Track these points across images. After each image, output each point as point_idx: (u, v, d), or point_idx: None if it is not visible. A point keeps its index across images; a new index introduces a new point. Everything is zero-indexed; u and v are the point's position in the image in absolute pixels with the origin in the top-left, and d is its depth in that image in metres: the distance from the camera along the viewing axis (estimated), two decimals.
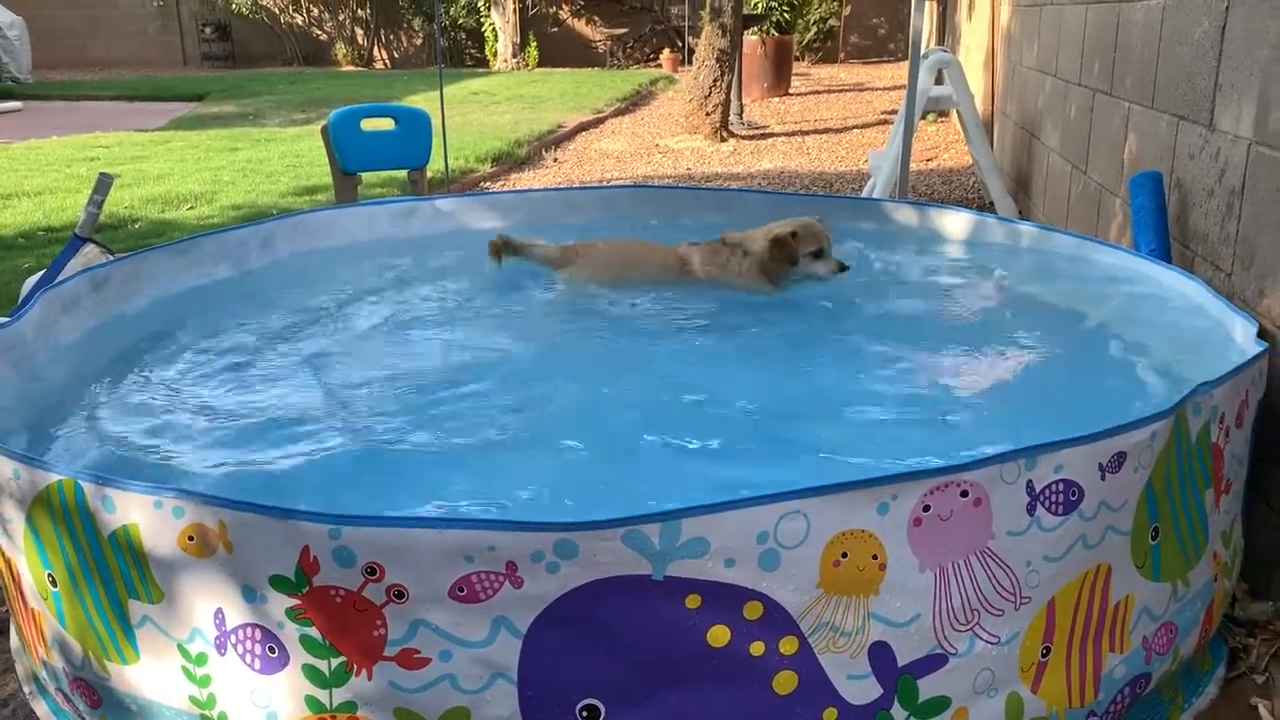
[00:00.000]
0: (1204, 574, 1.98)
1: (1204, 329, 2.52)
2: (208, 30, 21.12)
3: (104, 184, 3.41)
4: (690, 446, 2.27)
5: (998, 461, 1.63)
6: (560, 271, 3.46)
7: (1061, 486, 1.68)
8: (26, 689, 2.14)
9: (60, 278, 3.00)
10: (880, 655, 1.62)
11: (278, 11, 20.86)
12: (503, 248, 3.57)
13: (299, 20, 21.00)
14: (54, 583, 1.81)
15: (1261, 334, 2.24)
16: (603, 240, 3.57)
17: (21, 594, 1.93)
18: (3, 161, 9.21)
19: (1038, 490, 1.66)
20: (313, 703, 1.64)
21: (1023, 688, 1.74)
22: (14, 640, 2.23)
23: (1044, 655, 1.75)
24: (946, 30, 11.91)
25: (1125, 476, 1.74)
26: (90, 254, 3.40)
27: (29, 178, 8.34)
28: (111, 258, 3.28)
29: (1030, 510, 1.66)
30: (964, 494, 1.61)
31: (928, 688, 1.66)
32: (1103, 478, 1.71)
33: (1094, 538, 1.73)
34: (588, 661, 1.58)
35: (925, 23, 8.71)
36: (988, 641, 1.68)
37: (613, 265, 3.45)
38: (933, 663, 1.65)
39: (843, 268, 3.30)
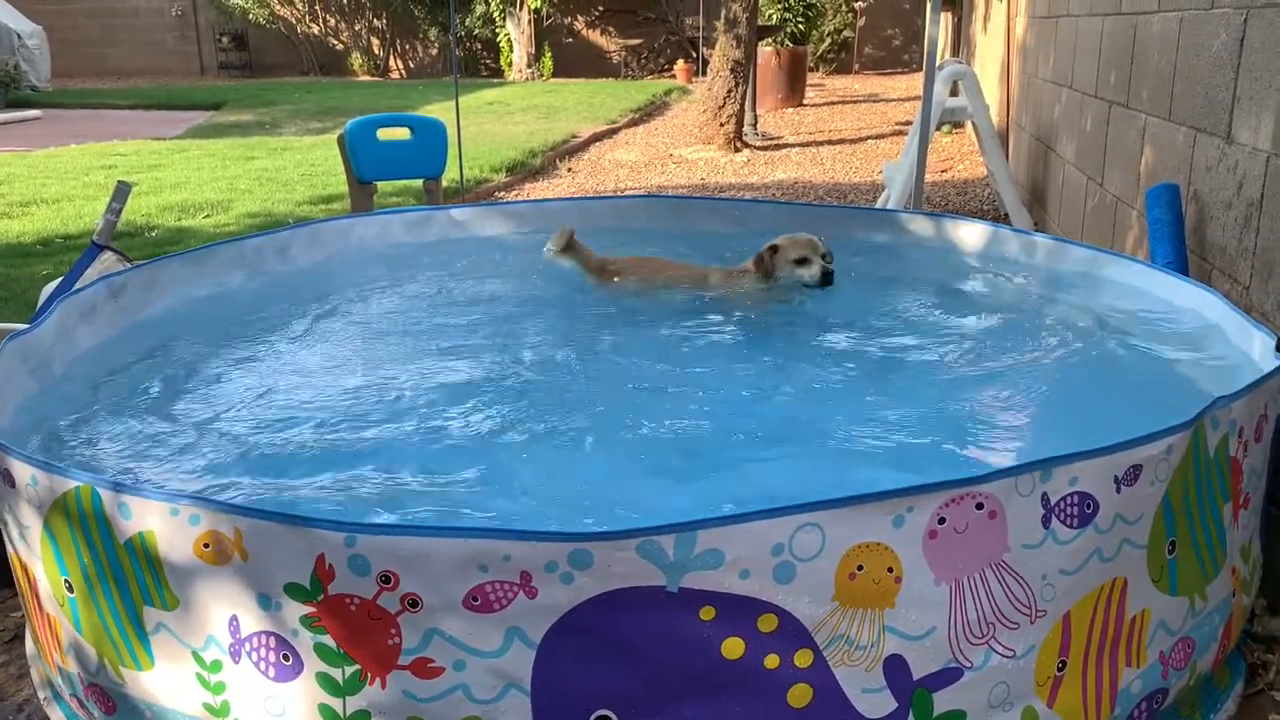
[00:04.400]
0: (1222, 589, 1.96)
1: (1222, 342, 2.51)
2: (225, 40, 21.28)
3: (122, 192, 3.43)
4: (703, 459, 2.26)
5: (1013, 474, 1.62)
6: (602, 278, 3.54)
7: (1077, 499, 1.67)
8: (42, 694, 2.15)
9: (78, 285, 3.02)
10: (895, 668, 1.62)
11: (294, 21, 21.01)
12: (569, 242, 3.60)
13: (315, 30, 21.14)
14: (70, 588, 1.82)
15: None
16: (635, 256, 3.67)
17: (38, 599, 1.94)
18: (22, 169, 9.28)
19: (1053, 503, 1.65)
20: (327, 711, 1.64)
21: (1038, 702, 1.72)
22: (29, 645, 2.24)
23: (1060, 669, 1.73)
24: (961, 42, 11.90)
25: (1142, 489, 1.73)
26: (108, 261, 3.41)
27: (47, 185, 8.41)
28: (129, 265, 3.29)
29: (1045, 523, 1.66)
30: (979, 506, 1.60)
31: (943, 701, 1.65)
32: (1118, 490, 1.70)
33: (1110, 551, 1.72)
34: (601, 673, 1.58)
35: (940, 34, 8.70)
36: (1003, 655, 1.67)
37: (652, 279, 3.53)
38: (948, 676, 1.64)
39: (826, 277, 3.31)
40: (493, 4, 19.43)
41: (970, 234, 3.73)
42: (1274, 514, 2.27)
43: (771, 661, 1.58)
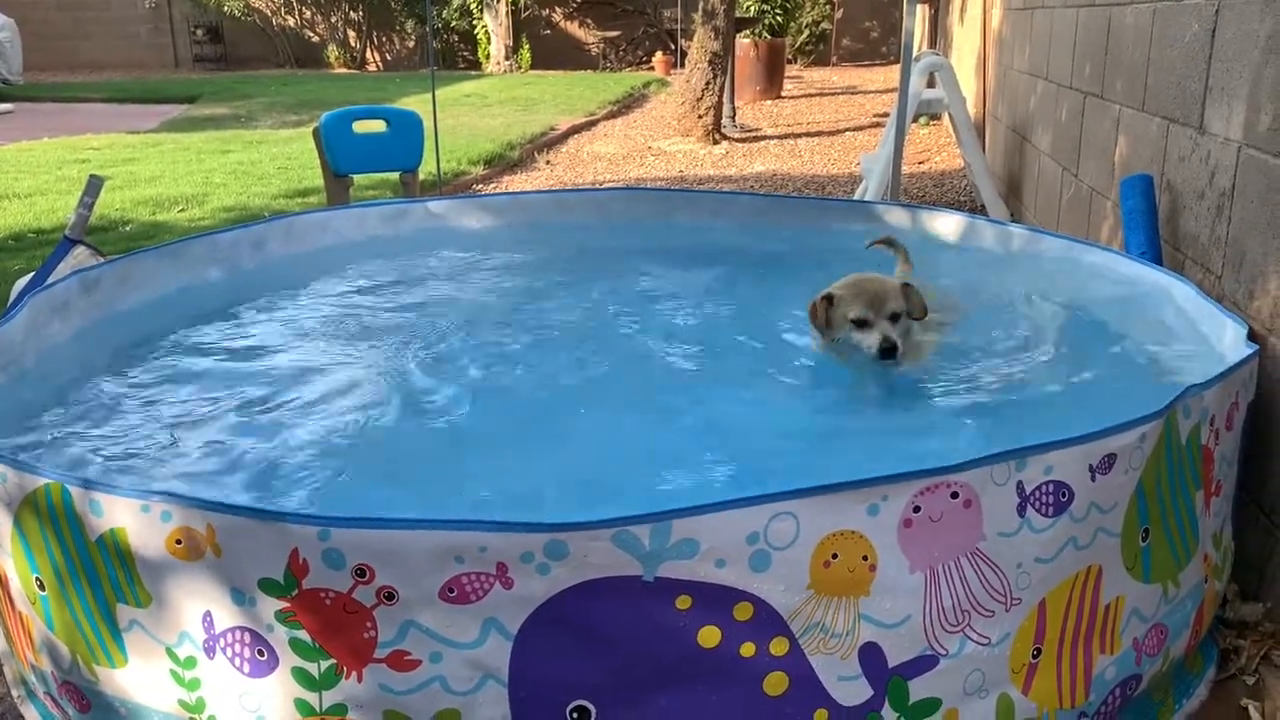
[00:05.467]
0: (1194, 575, 1.98)
1: (1194, 331, 2.53)
2: (199, 32, 21.07)
3: (94, 186, 3.39)
4: (680, 444, 2.27)
5: (988, 462, 1.63)
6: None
7: (1052, 488, 1.68)
8: (15, 693, 2.13)
9: (50, 280, 2.99)
10: (871, 656, 1.62)
11: (270, 14, 20.82)
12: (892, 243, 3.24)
13: (291, 22, 20.96)
14: (42, 586, 1.80)
15: (1251, 336, 2.24)
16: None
17: (9, 597, 1.92)
18: None
19: (1028, 491, 1.66)
20: (303, 706, 1.63)
21: (1013, 689, 1.74)
22: (2, 644, 2.21)
23: (1035, 656, 1.75)
24: (938, 33, 11.94)
25: (1116, 478, 1.74)
26: (81, 256, 3.38)
27: (19, 179, 8.31)
28: (102, 260, 3.26)
29: (1021, 511, 1.67)
30: (954, 495, 1.61)
31: (918, 689, 1.66)
32: (1093, 479, 1.71)
33: (1084, 539, 1.74)
34: (578, 663, 1.58)
35: (917, 26, 8.73)
36: (978, 643, 1.68)
37: None
38: (923, 664, 1.65)
39: (887, 351, 2.51)
40: None
41: (947, 224, 3.74)
42: (1245, 500, 2.30)
43: (748, 650, 1.58)
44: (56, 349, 2.73)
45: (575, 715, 1.59)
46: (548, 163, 9.54)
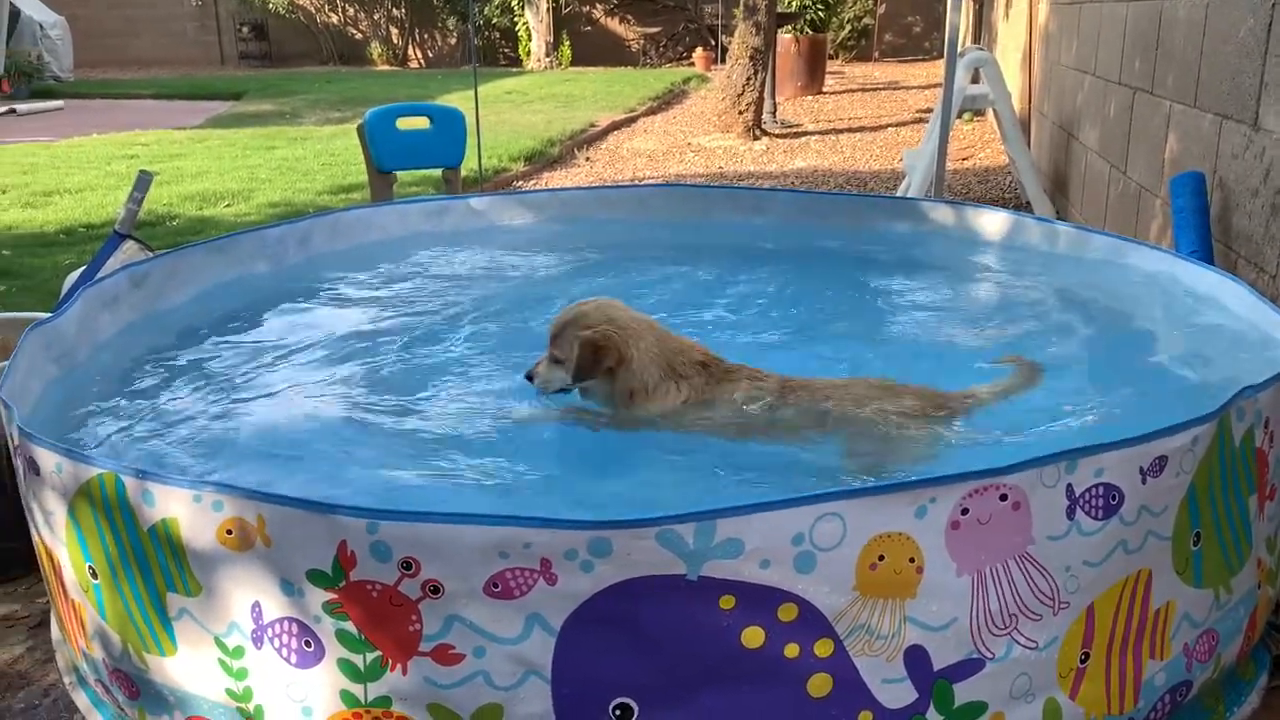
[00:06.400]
0: (1247, 581, 1.95)
1: (1247, 332, 2.48)
2: (245, 29, 21.34)
3: (143, 182, 3.45)
4: (725, 446, 2.26)
5: (1037, 464, 1.61)
6: None
7: (1101, 490, 1.65)
8: (67, 680, 2.17)
9: (100, 274, 3.04)
10: (916, 659, 1.61)
11: (314, 11, 21.03)
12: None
13: (334, 19, 21.16)
14: (94, 575, 1.83)
15: None
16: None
17: (63, 586, 1.96)
18: (45, 159, 9.35)
19: (1077, 494, 1.64)
20: (348, 697, 1.65)
21: (1061, 694, 1.72)
22: (55, 631, 2.26)
23: (1083, 661, 1.72)
24: (983, 28, 11.81)
25: (1166, 481, 1.71)
26: (130, 251, 3.44)
27: (70, 175, 8.46)
28: (151, 255, 3.31)
29: (1070, 514, 1.64)
30: (1003, 497, 1.59)
31: (964, 692, 1.64)
32: (1144, 482, 1.68)
33: (1134, 543, 1.71)
34: (621, 660, 1.58)
35: (962, 21, 8.63)
36: (1025, 647, 1.66)
37: None
38: (969, 667, 1.64)
39: (528, 378, 2.41)
40: None
41: (992, 222, 3.70)
42: None
43: (791, 651, 1.57)
44: (107, 342, 2.78)
45: (618, 713, 1.59)
46: (587, 159, 9.56)
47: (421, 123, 4.72)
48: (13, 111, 13.04)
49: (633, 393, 2.31)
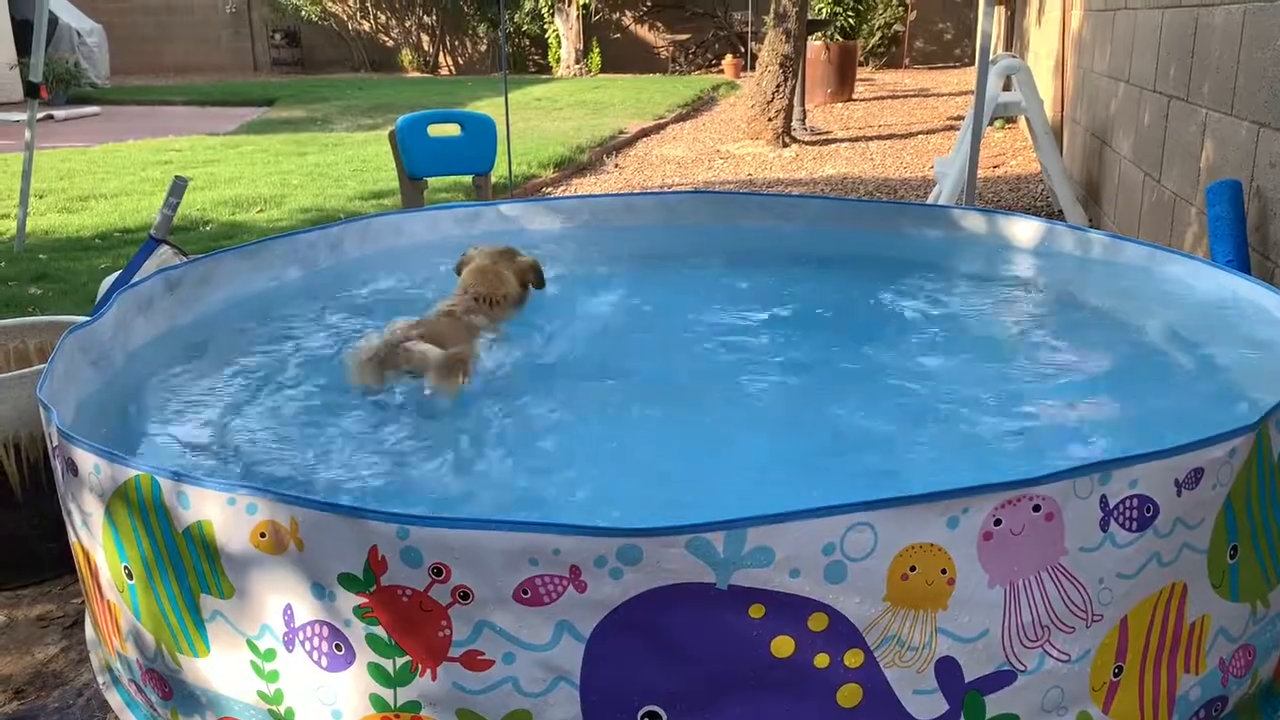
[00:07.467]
0: None
1: None
2: (278, 36, 21.58)
3: (179, 187, 3.49)
4: (757, 455, 2.25)
5: (1071, 475, 1.59)
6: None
7: (1136, 502, 1.64)
8: (100, 680, 2.19)
9: (136, 278, 3.08)
10: (947, 670, 1.60)
11: (345, 18, 21.23)
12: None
13: (366, 27, 21.35)
14: (130, 575, 1.85)
15: None
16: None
17: (98, 586, 1.98)
18: (81, 164, 9.49)
19: (1112, 505, 1.62)
20: (377, 701, 1.66)
21: (1093, 707, 1.70)
22: (89, 631, 2.28)
23: (1116, 675, 1.70)
24: (1015, 35, 11.74)
25: (1203, 493, 1.69)
26: (164, 255, 3.48)
27: (106, 180, 8.58)
28: (185, 259, 3.35)
29: (1104, 526, 1.63)
30: (1036, 508, 1.58)
31: (995, 705, 1.63)
32: (1179, 494, 1.66)
33: (1169, 555, 1.69)
34: (650, 668, 1.58)
35: (994, 28, 8.59)
36: (1058, 659, 1.65)
37: None
38: (1001, 679, 1.62)
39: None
40: (541, 0, 19.49)
41: (1024, 230, 3.67)
42: None
43: (821, 661, 1.56)
44: (143, 346, 2.81)
45: None
46: (616, 166, 9.58)
47: (453, 129, 4.75)
48: (50, 117, 13.24)
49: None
